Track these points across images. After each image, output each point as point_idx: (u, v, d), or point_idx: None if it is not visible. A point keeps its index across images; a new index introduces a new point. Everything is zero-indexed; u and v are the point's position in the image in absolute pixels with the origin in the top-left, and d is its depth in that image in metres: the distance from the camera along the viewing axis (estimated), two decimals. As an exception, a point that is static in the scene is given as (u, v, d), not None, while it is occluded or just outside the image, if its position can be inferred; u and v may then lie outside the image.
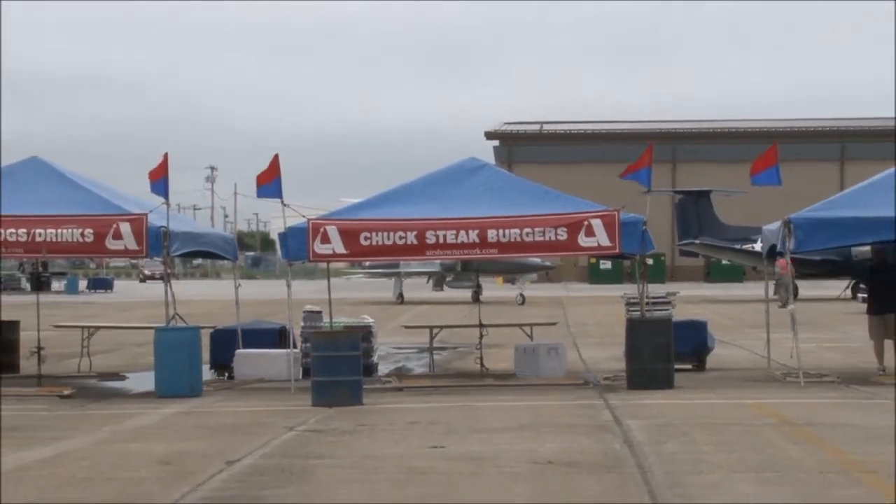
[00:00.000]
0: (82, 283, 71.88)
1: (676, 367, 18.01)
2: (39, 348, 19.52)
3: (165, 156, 18.33)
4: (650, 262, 19.70)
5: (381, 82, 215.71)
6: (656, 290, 21.67)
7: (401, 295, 50.66)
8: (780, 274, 41.34)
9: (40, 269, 63.94)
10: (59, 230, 17.82)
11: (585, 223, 18.14)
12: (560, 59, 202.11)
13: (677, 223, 57.29)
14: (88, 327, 22.67)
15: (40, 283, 48.58)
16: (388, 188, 19.71)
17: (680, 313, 21.50)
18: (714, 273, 73.92)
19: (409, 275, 52.31)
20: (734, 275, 71.55)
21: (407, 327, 25.26)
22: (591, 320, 35.64)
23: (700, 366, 20.28)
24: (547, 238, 18.19)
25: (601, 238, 18.12)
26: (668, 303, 20.19)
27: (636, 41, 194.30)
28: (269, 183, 18.32)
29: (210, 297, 46.71)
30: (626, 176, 18.49)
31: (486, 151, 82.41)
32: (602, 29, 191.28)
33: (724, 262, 65.97)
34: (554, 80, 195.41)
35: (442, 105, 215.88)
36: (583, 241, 18.20)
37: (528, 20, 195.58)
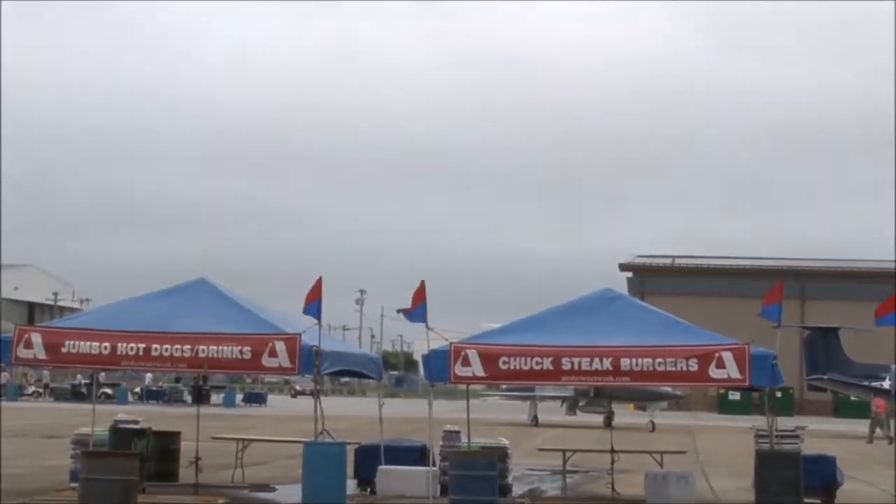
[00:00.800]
0: (238, 397, 72.97)
1: (805, 500, 17.31)
2: (197, 458, 19.74)
3: (319, 279, 18.56)
4: (779, 394, 19.13)
5: (517, 215, 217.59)
6: (785, 423, 21.00)
7: (535, 417, 50.14)
8: (877, 412, 40.59)
9: (201, 382, 65.26)
10: (220, 347, 18.10)
11: (716, 355, 17.75)
12: (689, 198, 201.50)
13: (806, 358, 55.78)
14: (243, 439, 22.87)
15: (201, 396, 49.43)
16: (526, 315, 19.63)
17: (808, 447, 20.76)
18: (842, 408, 71.43)
19: (544, 398, 51.82)
20: (862, 410, 68.93)
21: (541, 450, 24.89)
22: (719, 450, 34.64)
23: (829, 500, 19.44)
24: (678, 368, 17.83)
25: (731, 370, 17.69)
26: (797, 436, 19.54)
27: (755, 183, 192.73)
28: (416, 308, 18.41)
29: (355, 414, 46.85)
30: (763, 311, 18.12)
31: (620, 282, 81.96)
32: (723, 173, 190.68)
33: (852, 397, 63.91)
34: (682, 218, 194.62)
35: (577, 238, 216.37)
36: (713, 372, 17.78)
37: (653, 163, 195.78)
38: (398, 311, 18.68)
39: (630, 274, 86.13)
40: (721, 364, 17.64)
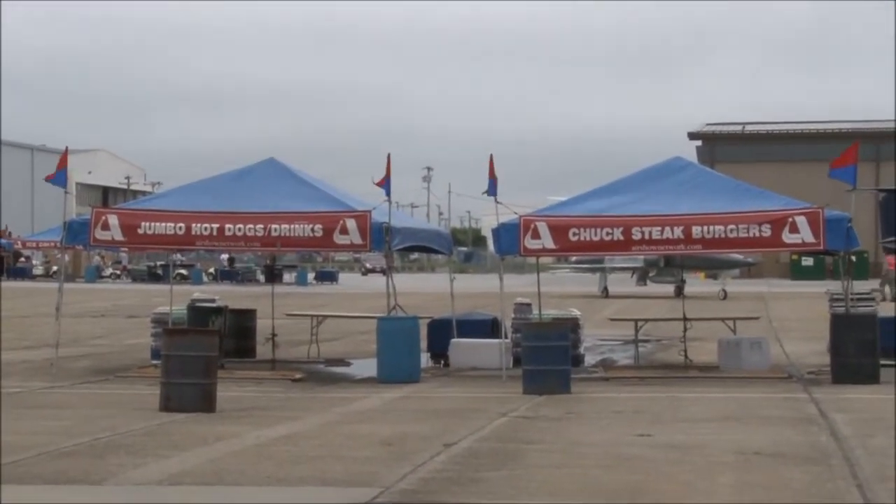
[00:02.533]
0: (310, 276, 73.89)
1: (882, 362, 17.27)
2: (273, 335, 20.14)
3: (388, 157, 18.62)
4: (853, 258, 18.92)
5: (584, 87, 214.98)
6: (860, 286, 20.83)
7: (605, 289, 50.27)
8: (888, 269, 40.09)
9: (270, 261, 66.05)
10: (292, 225, 18.30)
11: (790, 220, 17.59)
12: (756, 63, 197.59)
13: (881, 221, 55.02)
14: (317, 316, 23.24)
15: (273, 275, 50.15)
16: (594, 187, 19.53)
17: (885, 309, 20.64)
18: (918, 270, 70.66)
19: (614, 270, 51.84)
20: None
21: (612, 320, 25.02)
22: (793, 315, 34.57)
23: (906, 362, 19.36)
24: (751, 234, 17.71)
25: (805, 235, 17.54)
26: (873, 299, 19.39)
27: (827, 44, 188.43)
28: (492, 181, 18.46)
29: (426, 290, 47.29)
30: (832, 172, 17.82)
31: (689, 152, 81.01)
32: (793, 34, 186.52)
33: (928, 259, 63.07)
34: (751, 84, 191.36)
35: (644, 108, 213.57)
36: (787, 237, 17.65)
37: (723, 26, 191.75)
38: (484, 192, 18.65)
39: (699, 142, 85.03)
40: (795, 228, 17.48)
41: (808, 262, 70.40)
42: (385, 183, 18.39)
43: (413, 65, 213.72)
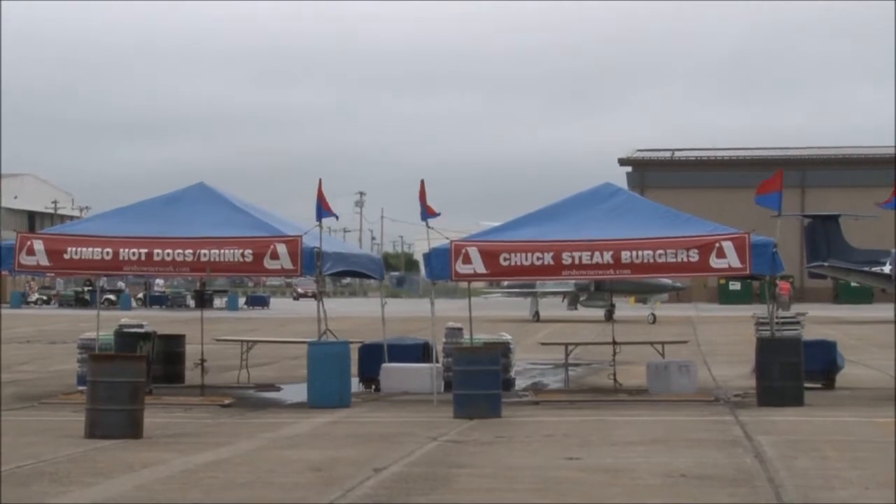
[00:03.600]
0: (241, 301, 73.33)
1: (806, 385, 17.56)
2: (203, 360, 19.97)
3: (320, 182, 18.57)
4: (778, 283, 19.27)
5: (515, 111, 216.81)
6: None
7: (537, 313, 50.51)
8: (780, 294, 41.46)
9: (200, 286, 65.47)
10: (222, 250, 18.18)
11: (717, 245, 17.85)
12: (686, 91, 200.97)
13: (806, 246, 56.07)
14: (247, 341, 23.08)
15: (203, 300, 49.67)
16: (525, 212, 19.66)
17: (809, 333, 21.00)
18: (843, 295, 71.99)
19: (545, 294, 52.13)
20: (863, 297, 69.60)
21: (543, 344, 25.15)
22: (720, 339, 34.99)
23: (829, 384, 19.72)
24: (679, 259, 17.94)
25: (732, 260, 17.80)
26: (798, 323, 19.74)
27: (756, 74, 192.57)
28: (427, 207, 18.49)
29: (358, 315, 47.18)
30: (757, 199, 18.13)
31: (619, 177, 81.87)
32: (722, 61, 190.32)
33: (852, 284, 64.37)
34: (680, 111, 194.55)
35: (574, 133, 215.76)
36: (714, 262, 17.89)
37: (653, 56, 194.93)
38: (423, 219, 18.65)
39: (629, 168, 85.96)
40: (721, 254, 17.73)
41: (735, 286, 71.30)
42: (317, 208, 18.34)
43: (346, 88, 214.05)
